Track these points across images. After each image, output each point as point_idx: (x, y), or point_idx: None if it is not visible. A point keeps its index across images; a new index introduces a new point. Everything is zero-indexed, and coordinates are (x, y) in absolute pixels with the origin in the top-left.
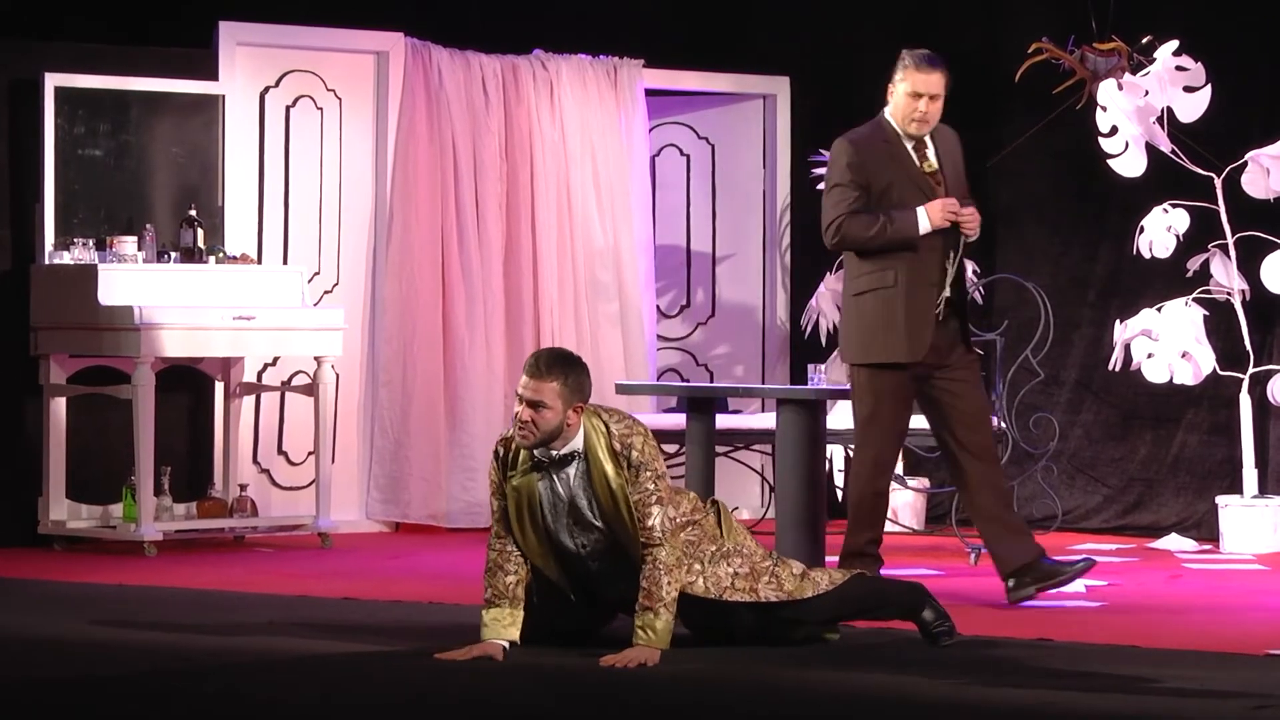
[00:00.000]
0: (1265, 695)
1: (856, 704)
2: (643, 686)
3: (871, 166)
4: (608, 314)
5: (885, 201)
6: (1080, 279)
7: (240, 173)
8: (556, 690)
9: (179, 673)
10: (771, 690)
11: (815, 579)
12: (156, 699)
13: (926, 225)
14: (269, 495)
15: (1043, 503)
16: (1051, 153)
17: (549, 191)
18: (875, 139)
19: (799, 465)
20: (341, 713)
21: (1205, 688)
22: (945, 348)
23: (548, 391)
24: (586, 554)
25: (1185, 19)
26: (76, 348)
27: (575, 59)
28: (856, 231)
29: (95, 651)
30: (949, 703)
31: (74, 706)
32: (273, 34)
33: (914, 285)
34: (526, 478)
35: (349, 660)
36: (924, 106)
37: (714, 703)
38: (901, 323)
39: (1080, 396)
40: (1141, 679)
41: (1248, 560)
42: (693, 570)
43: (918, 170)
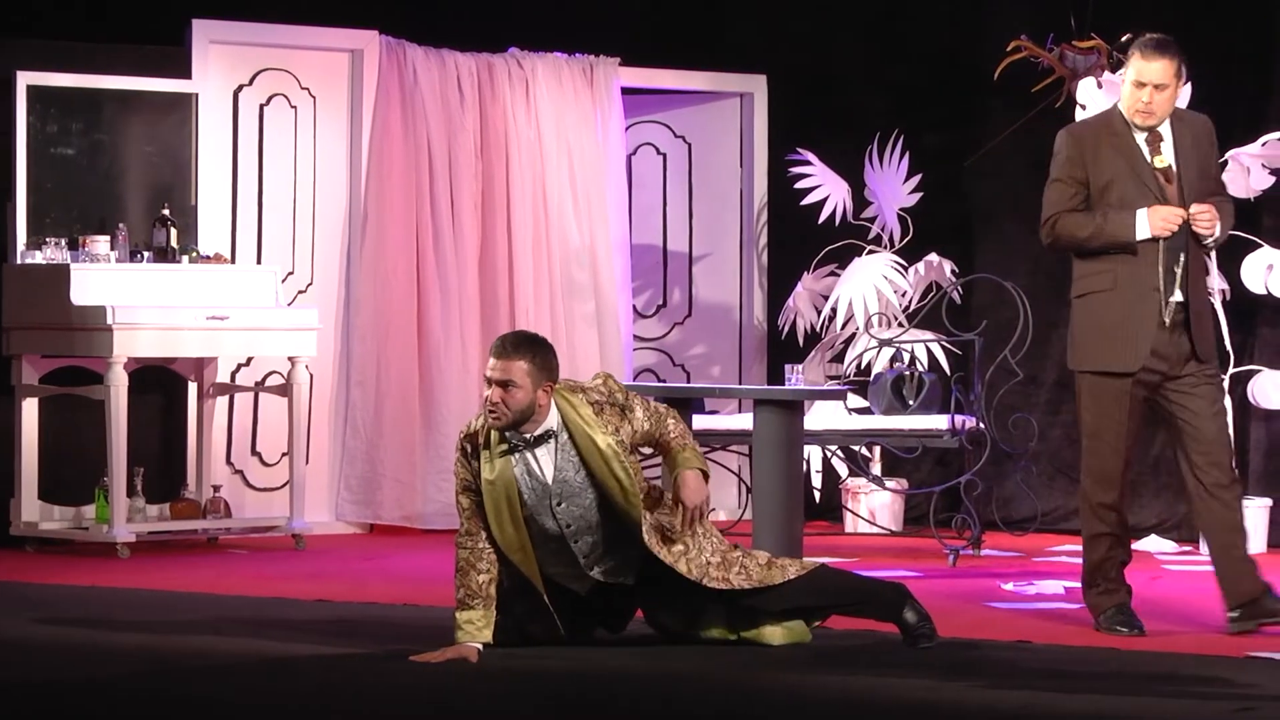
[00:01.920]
0: (1245, 697)
1: (837, 706)
2: (622, 689)
3: (1092, 160)
4: (584, 314)
5: (1105, 198)
6: (1059, 278)
7: (214, 172)
8: (532, 692)
9: (151, 675)
10: (753, 691)
11: (783, 566)
12: (128, 701)
13: (1145, 231)
14: (242, 496)
15: (1022, 503)
16: (1030, 151)
17: (524, 190)
18: (1101, 130)
19: (776, 466)
20: (315, 716)
21: (1185, 690)
22: (1176, 358)
23: (516, 370)
24: (571, 532)
25: (1164, 18)
26: (49, 348)
27: (551, 57)
28: (1070, 231)
29: (68, 654)
30: (929, 705)
31: (44, 709)
32: (246, 32)
33: (1134, 289)
34: (503, 469)
35: (323, 663)
36: (1147, 97)
37: (694, 704)
38: (1119, 329)
39: (1060, 396)
40: (1121, 681)
41: None
42: (675, 551)
43: (1146, 166)
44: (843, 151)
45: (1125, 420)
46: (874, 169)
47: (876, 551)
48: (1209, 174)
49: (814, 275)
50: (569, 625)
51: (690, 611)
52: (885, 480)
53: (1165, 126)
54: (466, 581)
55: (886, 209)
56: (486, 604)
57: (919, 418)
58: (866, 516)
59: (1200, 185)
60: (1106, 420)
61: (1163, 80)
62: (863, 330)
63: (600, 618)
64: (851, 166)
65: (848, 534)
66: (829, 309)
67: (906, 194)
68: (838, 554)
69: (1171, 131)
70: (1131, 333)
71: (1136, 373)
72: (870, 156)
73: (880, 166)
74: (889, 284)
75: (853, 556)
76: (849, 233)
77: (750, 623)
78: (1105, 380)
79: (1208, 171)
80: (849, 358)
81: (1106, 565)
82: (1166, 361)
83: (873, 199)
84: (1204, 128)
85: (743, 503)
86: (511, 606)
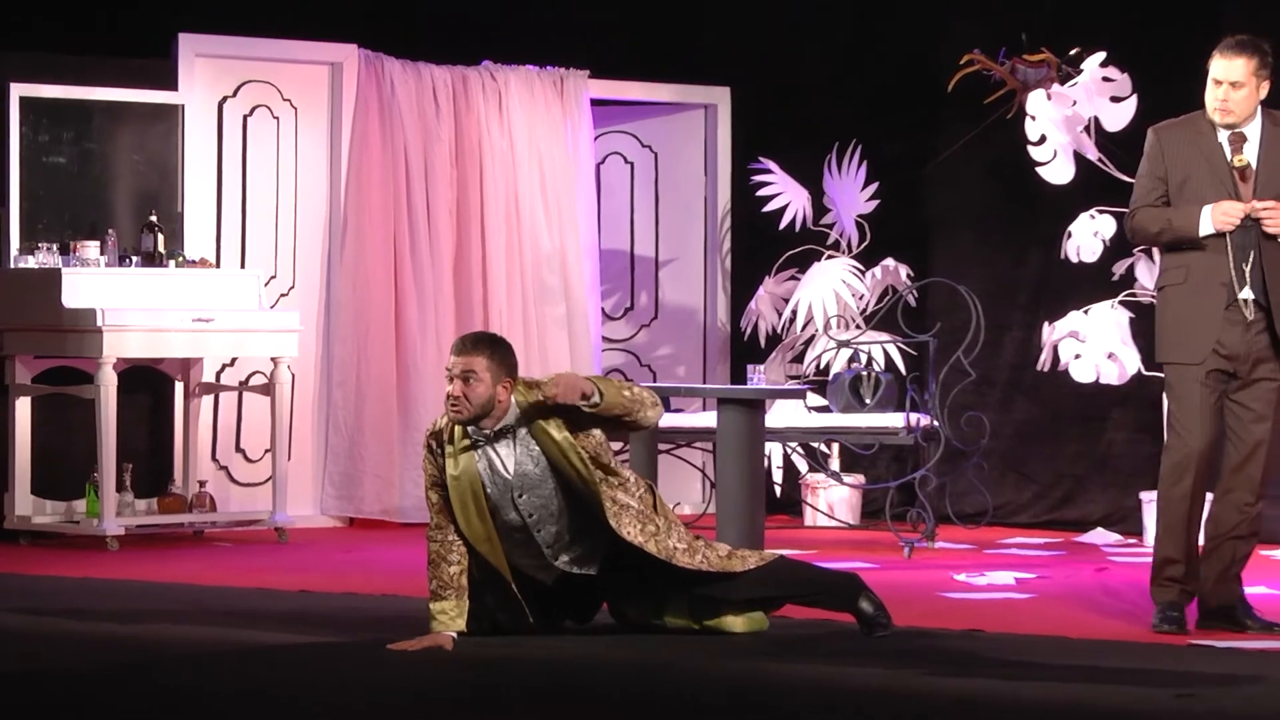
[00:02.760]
0: (1188, 684)
1: (797, 692)
2: (588, 674)
3: (1172, 157)
4: (554, 316)
5: (1183, 194)
6: (1010, 282)
7: (199, 179)
8: (504, 679)
9: (139, 663)
10: (717, 679)
11: (743, 557)
12: (117, 689)
13: (1208, 226)
14: (227, 491)
15: (974, 498)
16: (983, 160)
17: (498, 198)
18: (1185, 128)
19: (739, 462)
20: (297, 703)
21: (1129, 676)
22: (1246, 357)
23: (476, 364)
24: (533, 522)
25: (1112, 31)
26: (41, 349)
27: (523, 70)
28: (1145, 226)
29: (59, 643)
30: (885, 693)
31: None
32: (231, 45)
33: (1204, 284)
34: (467, 464)
35: (304, 651)
36: (1223, 94)
37: (661, 690)
38: (1188, 322)
39: (1010, 396)
40: (1069, 668)
41: None
42: (645, 531)
43: (1224, 163)
44: (803, 160)
45: (1200, 408)
46: (833, 177)
47: (834, 544)
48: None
49: (775, 279)
50: (538, 615)
51: (654, 601)
52: (843, 476)
53: (1254, 126)
54: (438, 573)
55: (845, 216)
56: (459, 594)
57: (876, 416)
58: (825, 510)
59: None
60: (1182, 410)
61: (1240, 78)
62: (822, 332)
63: (568, 609)
64: (811, 175)
65: (807, 527)
66: (789, 312)
67: (864, 201)
68: (797, 546)
69: (1261, 131)
70: (1199, 326)
71: (1205, 363)
72: (829, 165)
73: (839, 175)
74: (847, 288)
75: (812, 548)
76: (809, 238)
77: (712, 612)
78: (1179, 370)
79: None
80: (809, 358)
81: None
82: (1236, 360)
83: (831, 206)
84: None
85: (707, 497)
86: (482, 597)
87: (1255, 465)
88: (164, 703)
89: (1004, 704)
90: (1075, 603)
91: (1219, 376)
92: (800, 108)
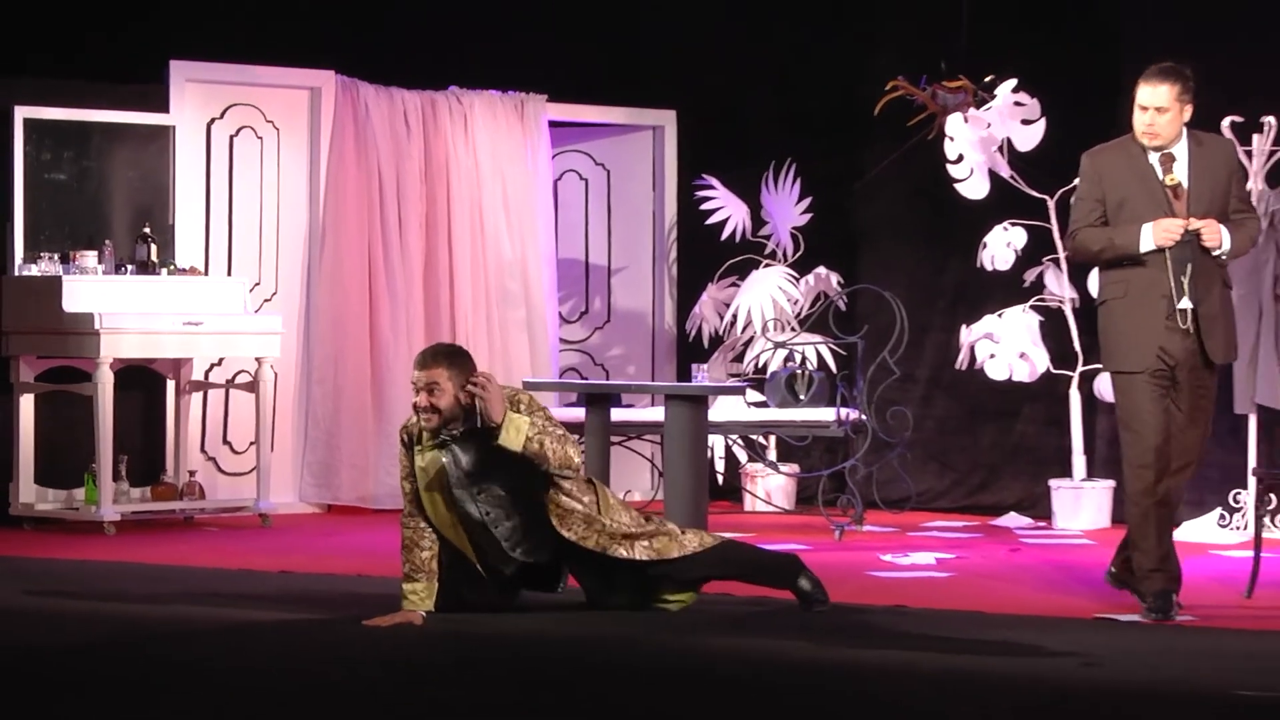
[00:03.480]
0: (1093, 654)
1: (743, 663)
2: (547, 647)
3: (1108, 179)
4: (516, 319)
5: (1121, 214)
6: (931, 289)
7: (189, 194)
8: (469, 651)
9: (134, 639)
10: (666, 650)
11: (684, 541)
12: (114, 662)
13: (1149, 243)
14: (215, 480)
15: (899, 485)
16: (906, 178)
17: (463, 211)
18: (1118, 152)
19: (684, 453)
20: (280, 675)
21: (1041, 647)
22: (1185, 363)
23: (438, 375)
24: (491, 520)
25: (1023, 60)
26: (43, 350)
27: (486, 94)
28: (1086, 245)
29: (60, 620)
30: (822, 663)
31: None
32: (218, 71)
33: (1143, 296)
34: (434, 458)
35: (286, 627)
36: (1149, 119)
37: (616, 660)
38: (1130, 333)
39: (932, 392)
40: (986, 640)
41: (1077, 536)
42: (592, 529)
43: (1158, 183)
44: (742, 177)
45: (1150, 408)
46: (770, 193)
47: (772, 528)
48: (1226, 192)
49: (717, 286)
50: (500, 593)
51: (605, 578)
52: (779, 465)
53: (1181, 147)
54: (411, 557)
55: (780, 228)
56: (429, 577)
57: (809, 410)
58: (763, 497)
59: (1215, 202)
60: (1133, 411)
61: (1164, 104)
62: (760, 334)
63: (531, 585)
64: (750, 191)
65: (747, 512)
66: (730, 315)
67: (798, 215)
68: (739, 530)
69: (1188, 151)
70: (1141, 336)
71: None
72: (766, 182)
73: (775, 191)
74: (783, 293)
75: (751, 532)
76: (748, 249)
77: (658, 588)
78: (1124, 378)
79: (1224, 190)
80: (748, 358)
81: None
82: (1176, 362)
83: (768, 219)
84: (1224, 150)
85: (655, 485)
86: (450, 578)
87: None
88: (158, 675)
89: (927, 673)
90: (991, 580)
91: (1164, 375)
92: (740, 129)
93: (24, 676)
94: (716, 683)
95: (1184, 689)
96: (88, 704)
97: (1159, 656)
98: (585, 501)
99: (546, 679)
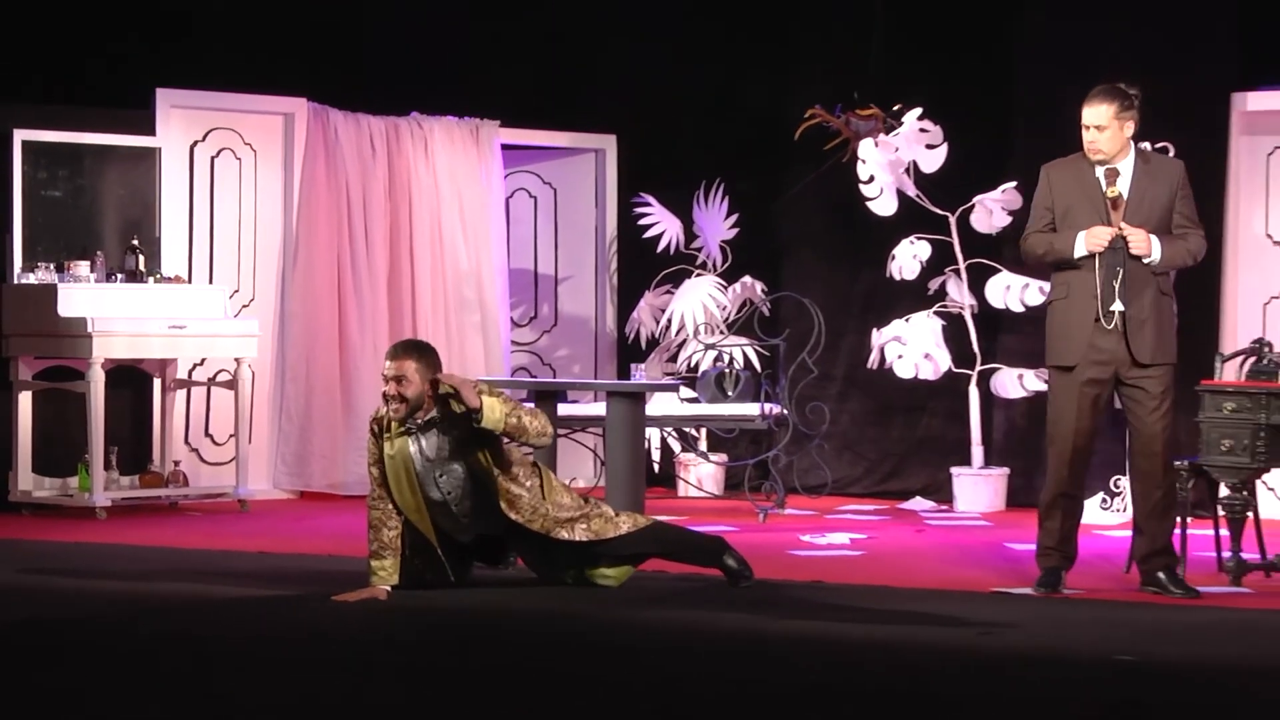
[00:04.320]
0: (990, 623)
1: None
2: (500, 619)
3: (1058, 190)
4: (472, 323)
5: (1065, 221)
6: (846, 296)
7: (173, 210)
8: (429, 623)
9: (123, 614)
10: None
11: (619, 523)
12: (105, 635)
13: (1081, 249)
14: (198, 469)
15: (817, 473)
16: (823, 196)
17: (424, 226)
18: (1069, 166)
19: (624, 444)
20: (257, 645)
21: (944, 617)
22: (1122, 361)
23: (406, 368)
24: (452, 499)
25: (928, 91)
26: (40, 351)
27: (445, 120)
28: (1032, 249)
29: (56, 597)
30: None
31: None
32: (200, 98)
33: (1080, 297)
34: (400, 446)
35: (262, 602)
36: (1091, 136)
37: (561, 631)
38: (1066, 330)
39: (847, 389)
40: (895, 611)
41: (976, 518)
42: (537, 513)
43: (1100, 195)
44: (676, 195)
45: (1073, 410)
46: (701, 209)
47: (703, 511)
48: (1168, 208)
49: (654, 293)
50: (456, 572)
51: (548, 555)
52: (709, 455)
53: (1127, 163)
54: (378, 536)
55: (710, 241)
56: (394, 554)
57: (736, 406)
58: (695, 483)
59: (1153, 215)
60: (1060, 409)
61: (1103, 122)
62: (692, 337)
63: (483, 556)
64: (683, 207)
65: (680, 497)
66: (665, 320)
67: (726, 229)
68: (672, 513)
69: (1133, 168)
70: (1075, 333)
71: (1080, 367)
72: (698, 199)
73: (705, 207)
74: (713, 300)
75: (684, 515)
76: (681, 260)
77: (597, 564)
78: (1060, 374)
79: (1165, 205)
80: (681, 358)
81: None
82: (1112, 362)
83: (699, 233)
84: (1169, 169)
85: (598, 473)
86: (412, 558)
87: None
88: (147, 646)
89: (842, 640)
90: (899, 558)
91: (1099, 379)
92: (674, 152)
93: (23, 648)
94: (655, 650)
95: (1070, 654)
96: (82, 672)
97: (1048, 625)
98: (529, 486)
99: (501, 648)
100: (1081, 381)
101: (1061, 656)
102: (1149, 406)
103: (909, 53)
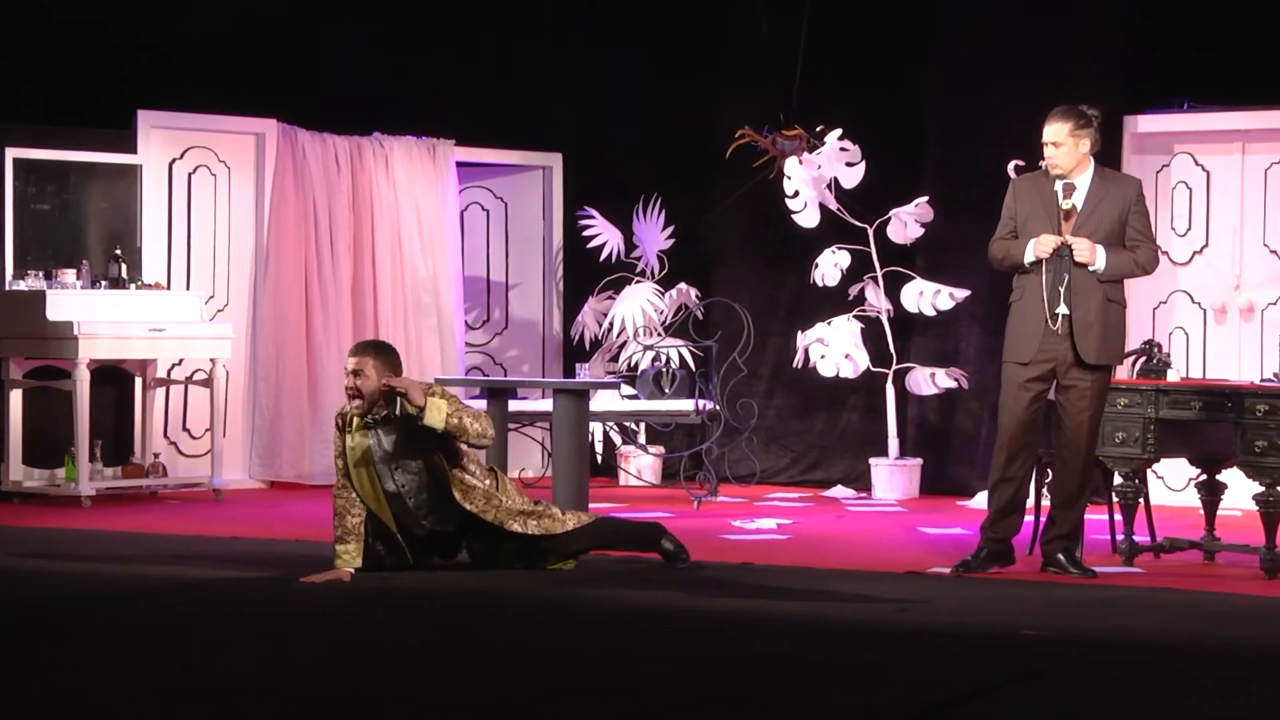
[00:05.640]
0: (906, 601)
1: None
2: (454, 599)
3: (1021, 200)
4: (429, 327)
5: (1024, 230)
6: (773, 300)
7: (154, 222)
8: (390, 602)
9: (106, 594)
10: (560, 601)
11: (565, 520)
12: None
13: (1030, 255)
14: (176, 461)
15: (747, 463)
16: (751, 209)
17: (385, 237)
18: (1034, 179)
19: (569, 437)
20: (231, 621)
21: (863, 596)
22: (1063, 361)
23: (365, 363)
24: (406, 492)
25: (847, 113)
26: (30, 352)
27: (404, 139)
28: (993, 253)
29: (44, 578)
30: (685, 609)
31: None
32: (178, 119)
33: (1031, 300)
34: (361, 439)
35: (235, 583)
36: (1049, 152)
37: (511, 610)
38: (1022, 330)
39: (773, 386)
40: (819, 590)
41: (892, 504)
42: (490, 505)
43: (1056, 207)
44: (617, 209)
45: (1016, 404)
46: (640, 221)
47: (642, 499)
48: (1121, 221)
49: (596, 299)
50: (415, 556)
51: (498, 551)
52: (648, 447)
53: (1085, 176)
54: (343, 522)
55: (649, 251)
56: (357, 539)
57: (672, 402)
58: (635, 474)
59: (1103, 227)
60: (1007, 401)
61: (1058, 139)
62: (632, 338)
63: (438, 551)
64: (623, 220)
65: (621, 486)
66: (608, 323)
67: (663, 240)
68: (615, 501)
69: (1090, 183)
70: (1026, 333)
71: (1030, 365)
72: (637, 213)
73: (644, 220)
74: (651, 305)
75: (625, 502)
76: (622, 268)
77: (545, 559)
78: (1010, 368)
79: (1117, 218)
80: (622, 359)
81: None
82: (1055, 362)
83: (639, 244)
84: (1125, 185)
85: (545, 464)
86: (374, 544)
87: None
88: (128, 624)
89: (771, 616)
90: (821, 542)
91: (1044, 374)
92: (615, 169)
93: (12, 626)
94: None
95: (980, 629)
96: (68, 649)
97: (960, 603)
98: (485, 483)
99: (460, 624)
100: (1028, 378)
101: (973, 631)
102: (1080, 406)
103: (830, 79)
